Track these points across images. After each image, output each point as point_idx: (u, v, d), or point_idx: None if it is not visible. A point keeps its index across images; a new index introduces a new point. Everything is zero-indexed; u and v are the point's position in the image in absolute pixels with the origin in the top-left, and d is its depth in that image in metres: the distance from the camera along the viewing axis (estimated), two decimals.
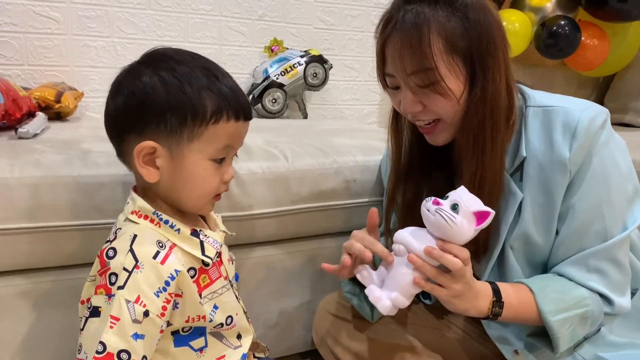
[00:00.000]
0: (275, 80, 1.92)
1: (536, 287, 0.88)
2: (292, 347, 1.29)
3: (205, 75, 0.75)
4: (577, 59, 2.07)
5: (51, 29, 1.71)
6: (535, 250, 0.91)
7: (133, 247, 0.72)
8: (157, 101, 0.72)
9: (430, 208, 0.77)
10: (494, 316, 0.85)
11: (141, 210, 0.77)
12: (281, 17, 2.07)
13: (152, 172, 0.75)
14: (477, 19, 0.83)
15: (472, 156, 0.87)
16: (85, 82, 1.78)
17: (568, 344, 0.89)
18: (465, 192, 0.78)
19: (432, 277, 0.79)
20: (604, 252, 0.87)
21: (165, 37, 1.88)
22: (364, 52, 2.24)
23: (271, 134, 1.43)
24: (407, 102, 0.88)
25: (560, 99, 0.91)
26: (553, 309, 0.85)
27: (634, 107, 2.24)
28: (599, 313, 0.88)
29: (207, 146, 0.75)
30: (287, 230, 1.19)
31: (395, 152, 1.01)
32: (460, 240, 0.78)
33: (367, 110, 2.33)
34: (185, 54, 0.77)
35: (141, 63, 0.77)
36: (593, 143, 0.85)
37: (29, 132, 1.18)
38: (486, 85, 0.84)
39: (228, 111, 0.75)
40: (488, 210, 0.77)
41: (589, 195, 0.86)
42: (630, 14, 1.99)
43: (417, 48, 0.82)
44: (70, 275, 1.00)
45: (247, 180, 1.11)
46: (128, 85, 0.75)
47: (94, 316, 0.71)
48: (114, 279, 0.71)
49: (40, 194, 0.94)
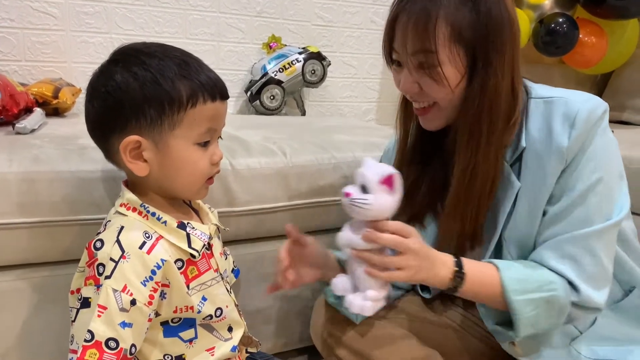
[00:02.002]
0: (274, 76, 1.92)
1: (503, 265, 0.87)
2: (290, 343, 1.30)
3: (175, 64, 0.76)
4: (575, 57, 2.07)
5: (49, 25, 1.71)
6: (525, 240, 0.91)
7: (119, 238, 0.74)
8: (133, 96, 0.74)
9: (344, 202, 0.78)
10: (454, 288, 0.85)
11: (129, 202, 0.79)
12: (279, 13, 2.07)
13: (141, 166, 0.76)
14: (489, 12, 0.83)
15: (465, 148, 0.88)
16: (83, 78, 1.76)
17: (530, 330, 0.87)
18: (367, 168, 0.79)
19: (380, 263, 0.79)
20: (581, 240, 0.86)
21: (163, 33, 1.88)
22: (363, 49, 2.24)
23: (269, 130, 1.43)
24: (406, 82, 0.89)
25: (562, 91, 0.91)
26: (517, 288, 0.84)
27: (631, 105, 2.24)
28: (566, 301, 0.85)
29: (189, 131, 0.77)
30: (284, 227, 1.19)
31: (402, 135, 1.02)
32: (388, 214, 0.79)
33: (365, 108, 2.33)
34: (154, 46, 0.79)
35: (111, 62, 0.78)
36: (590, 133, 0.85)
37: (27, 128, 1.18)
38: (487, 80, 0.84)
39: (203, 93, 0.76)
40: (391, 172, 0.77)
41: (577, 181, 0.86)
42: (629, 12, 1.99)
43: (422, 29, 0.83)
44: (68, 270, 0.99)
45: (246, 176, 1.11)
46: (102, 87, 0.76)
47: (84, 307, 0.73)
48: (102, 269, 0.72)
49: (38, 189, 0.94)
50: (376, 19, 2.23)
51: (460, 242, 0.95)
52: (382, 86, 2.33)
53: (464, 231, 0.92)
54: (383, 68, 2.29)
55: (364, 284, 0.82)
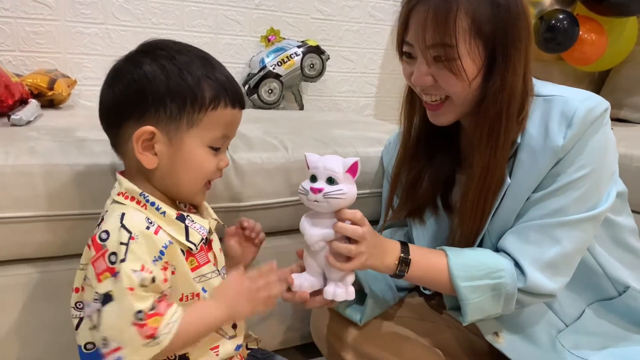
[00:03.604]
0: (272, 70, 1.90)
1: (452, 252, 0.89)
2: (289, 340, 1.28)
3: (203, 64, 0.77)
4: (574, 54, 2.06)
5: (43, 15, 1.68)
6: (506, 231, 0.91)
7: (124, 223, 0.73)
8: (157, 87, 0.74)
9: (318, 199, 0.79)
10: (400, 273, 0.88)
11: (127, 191, 0.77)
12: (278, 6, 2.04)
13: (150, 158, 0.76)
14: (508, 6, 0.83)
15: (486, 146, 0.87)
16: (79, 70, 1.75)
17: (478, 315, 0.88)
18: (328, 162, 0.81)
19: (347, 252, 0.81)
20: (548, 228, 0.86)
21: (160, 25, 1.85)
22: (361, 43, 2.22)
23: (269, 124, 1.41)
24: (420, 74, 0.87)
25: (564, 89, 0.90)
26: (463, 275, 0.86)
27: (629, 103, 2.24)
28: (513, 288, 0.86)
29: (206, 133, 0.77)
30: (286, 222, 1.18)
31: (406, 127, 1.01)
32: (352, 201, 0.82)
33: (363, 102, 2.31)
34: (183, 45, 0.80)
35: (140, 52, 0.78)
36: (587, 132, 0.85)
37: (22, 119, 1.16)
38: (506, 75, 0.84)
39: (225, 98, 0.77)
40: (354, 159, 0.81)
41: (561, 174, 0.86)
42: (629, 9, 1.98)
43: (442, 22, 0.81)
44: (65, 266, 0.98)
45: (247, 171, 1.10)
46: (128, 73, 0.76)
47: (107, 303, 0.70)
48: (114, 257, 0.71)
49: (36, 182, 0.92)
50: (375, 13, 2.21)
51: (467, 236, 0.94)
52: (381, 81, 2.32)
53: (479, 226, 0.91)
54: (381, 63, 2.28)
55: (333, 273, 0.85)
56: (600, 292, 0.97)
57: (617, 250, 0.97)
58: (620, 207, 0.97)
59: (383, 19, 2.21)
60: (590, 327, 0.95)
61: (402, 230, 1.13)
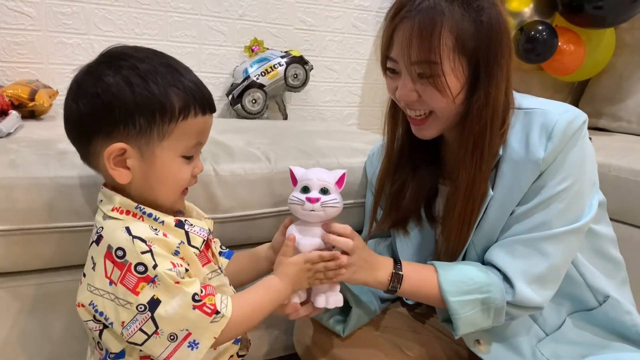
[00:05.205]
0: (256, 80, 1.90)
1: (442, 268, 0.91)
2: (273, 351, 1.28)
3: (168, 72, 0.74)
4: (554, 64, 2.10)
5: (25, 25, 1.66)
6: (491, 243, 0.92)
7: (133, 234, 0.72)
8: (124, 102, 0.72)
9: (315, 208, 0.84)
10: (393, 288, 0.90)
11: (122, 206, 0.76)
12: (262, 17, 2.05)
13: (123, 173, 0.75)
14: (490, 22, 0.84)
15: (471, 160, 0.88)
16: (60, 80, 1.73)
17: (470, 328, 0.90)
18: (317, 172, 0.87)
19: (337, 264, 0.84)
20: (535, 242, 0.87)
21: (143, 35, 1.84)
22: (345, 53, 2.24)
23: (252, 135, 1.41)
24: (405, 90, 0.88)
25: (542, 102, 0.92)
26: (453, 290, 0.88)
27: (608, 112, 2.28)
28: (502, 302, 0.88)
29: (178, 143, 0.76)
30: (269, 233, 1.17)
31: (389, 139, 1.03)
32: (339, 212, 0.87)
33: (347, 112, 2.33)
34: (145, 51, 0.77)
35: (100, 63, 0.75)
36: (568, 144, 0.86)
37: (2, 131, 1.14)
38: (490, 90, 0.85)
39: (195, 106, 0.75)
40: (342, 171, 0.88)
41: (544, 187, 0.87)
42: (605, 21, 2.03)
43: (426, 39, 0.82)
44: (48, 279, 0.97)
45: (230, 182, 1.10)
46: (91, 87, 0.73)
47: (157, 306, 0.70)
48: (142, 267, 0.70)
49: (16, 195, 0.91)
50: (358, 24, 2.23)
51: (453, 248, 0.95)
52: (364, 91, 2.33)
53: (465, 238, 0.92)
54: (365, 73, 2.29)
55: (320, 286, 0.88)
56: (581, 302, 0.98)
57: (597, 259, 0.98)
58: (600, 217, 0.98)
59: (366, 30, 2.23)
60: (570, 336, 0.96)
61: (386, 241, 1.14)
